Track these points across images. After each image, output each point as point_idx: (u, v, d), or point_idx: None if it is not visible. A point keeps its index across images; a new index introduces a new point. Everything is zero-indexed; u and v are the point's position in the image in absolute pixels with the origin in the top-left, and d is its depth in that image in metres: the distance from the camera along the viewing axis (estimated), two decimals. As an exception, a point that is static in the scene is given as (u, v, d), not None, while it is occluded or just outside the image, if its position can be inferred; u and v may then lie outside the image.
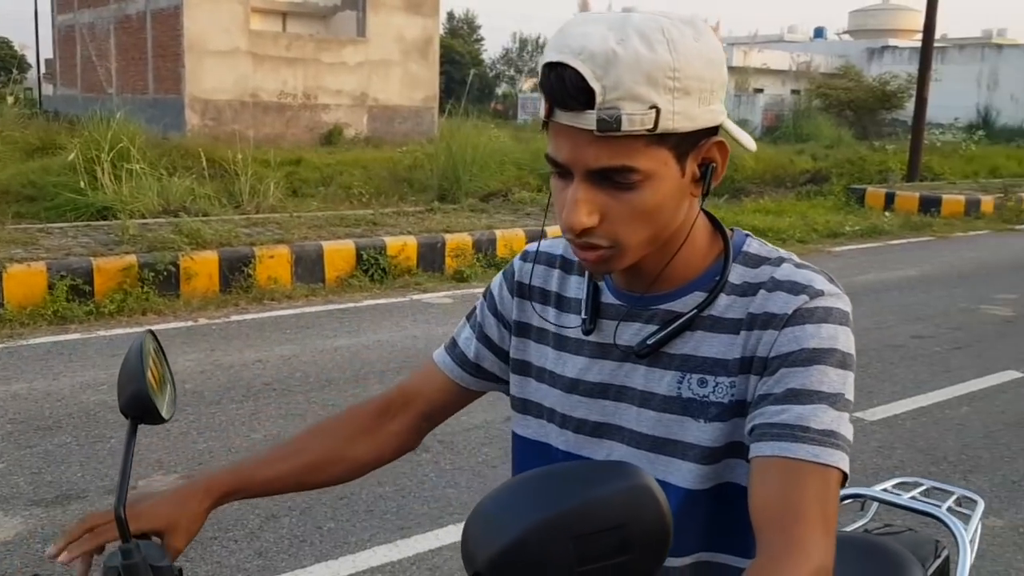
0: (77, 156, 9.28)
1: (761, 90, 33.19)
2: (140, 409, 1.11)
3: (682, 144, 0.97)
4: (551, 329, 1.17)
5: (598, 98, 0.91)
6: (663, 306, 1.08)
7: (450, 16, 48.19)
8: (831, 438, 0.95)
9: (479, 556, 0.75)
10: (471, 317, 1.29)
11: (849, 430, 0.97)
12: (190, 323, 6.28)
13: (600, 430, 1.11)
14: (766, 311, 1.02)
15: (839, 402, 0.97)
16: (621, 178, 0.96)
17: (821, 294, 1.01)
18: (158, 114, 17.64)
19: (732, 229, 1.11)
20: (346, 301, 7.14)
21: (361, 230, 8.44)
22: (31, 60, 37.87)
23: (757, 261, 1.07)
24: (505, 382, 1.25)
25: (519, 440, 1.22)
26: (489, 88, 44.62)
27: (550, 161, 0.99)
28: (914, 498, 1.76)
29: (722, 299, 1.05)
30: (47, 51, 29.93)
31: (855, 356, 1.01)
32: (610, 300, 1.12)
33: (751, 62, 33.67)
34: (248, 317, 6.51)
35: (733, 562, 1.08)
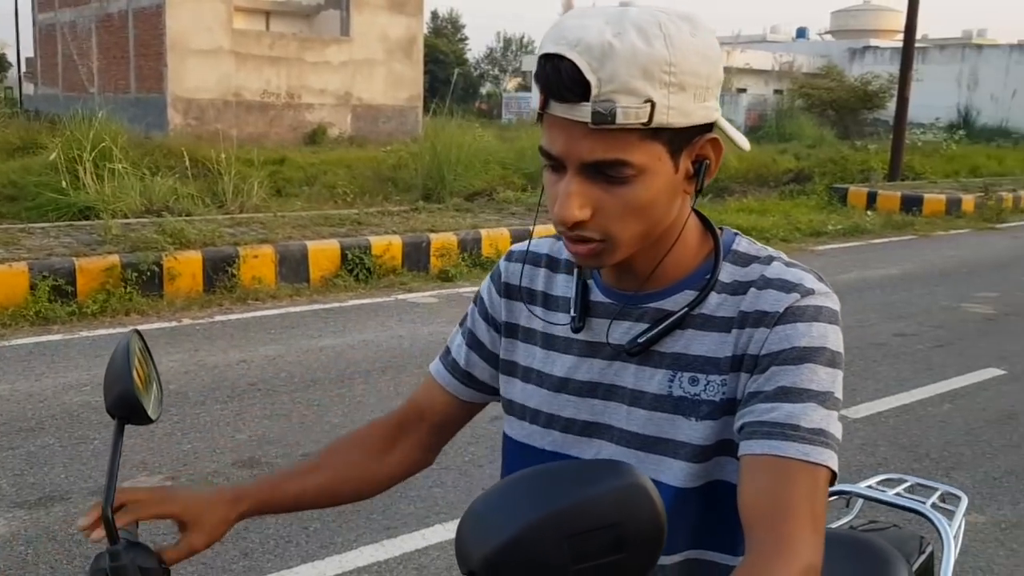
0: (59, 155, 9.22)
1: (744, 90, 33.32)
2: (127, 409, 1.10)
3: (676, 140, 0.97)
4: (539, 328, 1.17)
5: (593, 90, 0.91)
6: (653, 304, 1.07)
7: (434, 15, 48.13)
8: (821, 437, 0.96)
9: (474, 555, 0.74)
10: (463, 323, 1.28)
11: (838, 428, 0.98)
12: (174, 323, 6.24)
13: (589, 429, 1.11)
14: (757, 309, 1.02)
15: (828, 400, 0.97)
16: (614, 172, 0.95)
17: (812, 293, 1.01)
18: (140, 113, 17.56)
19: (721, 228, 1.11)
20: (331, 301, 7.12)
21: (346, 230, 8.41)
22: (12, 59, 37.53)
23: (747, 260, 1.07)
24: (497, 390, 1.24)
25: (507, 441, 1.21)
26: (473, 87, 44.50)
27: (544, 154, 0.99)
28: (899, 495, 1.78)
29: (713, 297, 1.05)
30: (28, 50, 29.66)
31: (843, 354, 1.01)
32: (599, 298, 1.11)
33: (734, 62, 33.77)
34: (232, 317, 6.48)
35: (722, 560, 1.08)
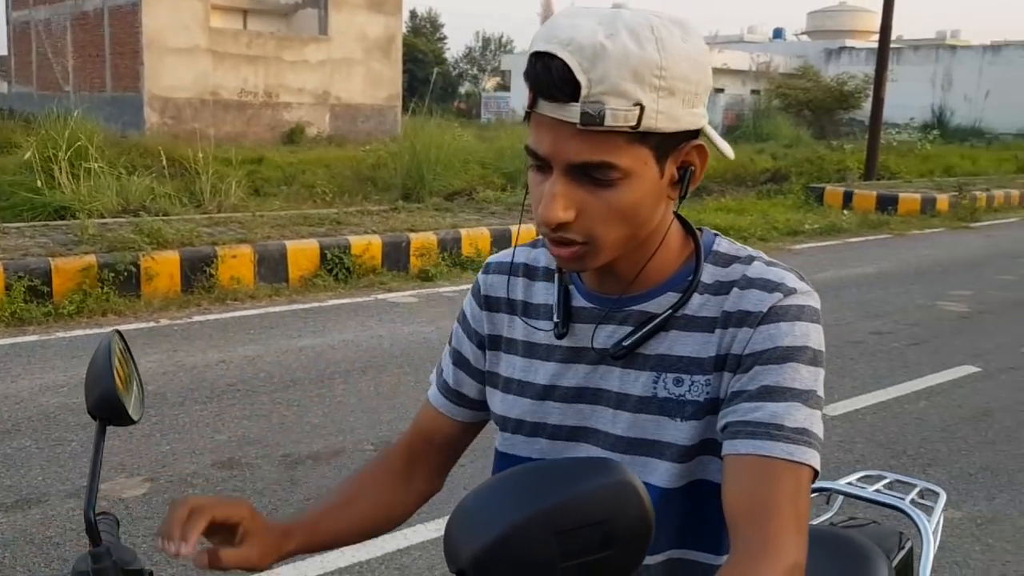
0: (33, 155, 9.11)
1: (722, 90, 33.45)
2: (108, 410, 1.09)
3: (663, 145, 0.97)
4: (519, 338, 1.16)
5: (583, 91, 0.91)
6: (637, 307, 1.07)
7: (413, 14, 48.04)
8: (804, 436, 0.96)
9: (463, 553, 0.75)
10: (450, 342, 1.26)
11: (820, 427, 0.99)
12: (151, 324, 6.19)
13: (576, 434, 1.11)
14: (740, 309, 1.02)
15: (811, 399, 0.98)
16: (600, 174, 0.95)
17: (794, 292, 1.02)
18: (116, 112, 17.39)
19: (701, 229, 1.12)
20: (310, 301, 7.08)
21: (325, 229, 8.37)
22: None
23: (728, 260, 1.07)
24: (487, 409, 1.23)
25: (498, 455, 1.20)
26: (452, 87, 44.44)
27: (530, 153, 0.99)
28: (878, 491, 1.80)
29: (695, 298, 1.05)
30: (1, 48, 29.33)
31: (825, 352, 1.02)
32: (581, 303, 1.11)
33: (712, 62, 33.92)
34: (211, 317, 6.44)
35: (704, 559, 1.08)
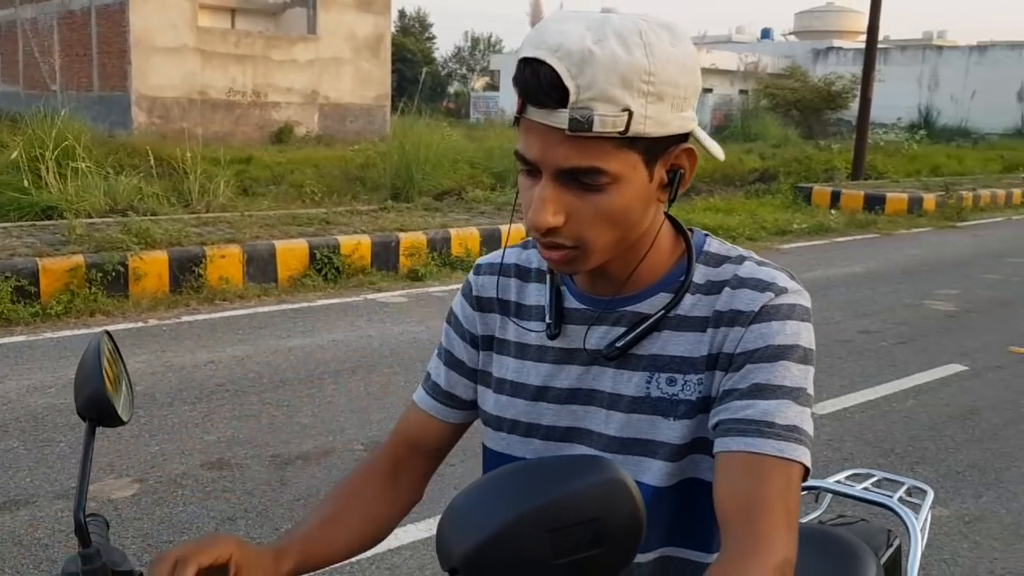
0: (20, 154, 9.06)
1: (710, 90, 33.50)
2: (98, 411, 1.09)
3: (652, 149, 0.98)
4: (511, 339, 1.16)
5: (571, 97, 0.91)
6: (630, 308, 1.08)
7: (401, 14, 47.92)
8: (795, 433, 0.97)
9: (455, 552, 0.75)
10: (440, 346, 1.25)
11: (810, 424, 1.00)
12: (140, 324, 6.17)
13: (569, 435, 1.11)
14: (732, 308, 1.03)
15: (801, 397, 0.99)
16: (589, 179, 0.96)
17: (785, 291, 1.03)
18: (104, 111, 17.30)
19: (691, 229, 1.12)
20: (299, 301, 7.07)
21: (314, 229, 8.35)
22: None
23: (719, 260, 1.08)
24: (476, 409, 1.22)
25: (487, 452, 1.21)
26: (441, 87, 44.38)
27: (519, 158, 0.99)
28: (866, 489, 1.81)
29: (687, 298, 1.06)
30: (-14, 46, 29.11)
31: (815, 351, 1.03)
32: (574, 305, 1.11)
33: (700, 64, 34.03)
34: (199, 318, 6.42)
35: (695, 557, 1.09)
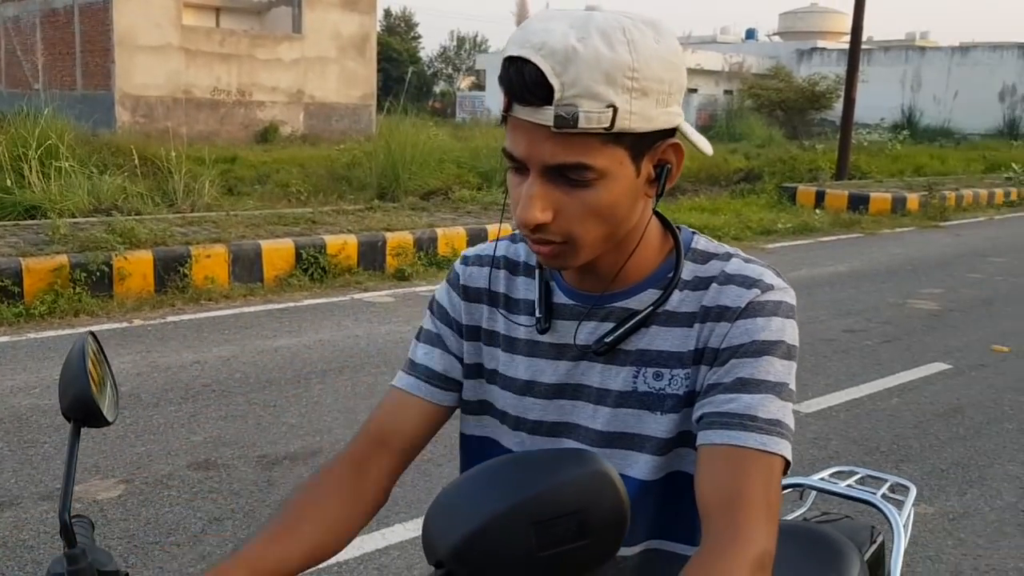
0: (3, 154, 9.00)
1: (695, 90, 33.66)
2: (83, 412, 1.08)
3: (638, 144, 0.99)
4: (500, 331, 1.17)
5: (556, 94, 0.92)
6: (619, 304, 1.09)
7: (387, 13, 47.86)
8: (777, 427, 0.99)
9: (441, 545, 0.76)
10: (422, 334, 1.23)
11: (792, 419, 1.01)
12: (125, 324, 6.14)
13: (556, 429, 1.12)
14: (719, 304, 1.05)
15: (784, 392, 1.01)
16: (576, 175, 0.97)
17: (771, 288, 1.05)
18: (87, 110, 17.17)
19: (679, 227, 1.14)
20: (286, 301, 7.05)
21: (300, 229, 8.33)
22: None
23: (706, 257, 1.10)
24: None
25: (469, 440, 1.21)
26: (427, 86, 44.34)
27: (507, 156, 1.00)
28: (850, 486, 1.83)
29: (675, 294, 1.08)
30: (-32, 45, 28.88)
31: (798, 347, 1.05)
32: (562, 300, 1.13)
33: (686, 62, 34.18)
34: (185, 318, 6.39)
35: (680, 550, 1.10)
